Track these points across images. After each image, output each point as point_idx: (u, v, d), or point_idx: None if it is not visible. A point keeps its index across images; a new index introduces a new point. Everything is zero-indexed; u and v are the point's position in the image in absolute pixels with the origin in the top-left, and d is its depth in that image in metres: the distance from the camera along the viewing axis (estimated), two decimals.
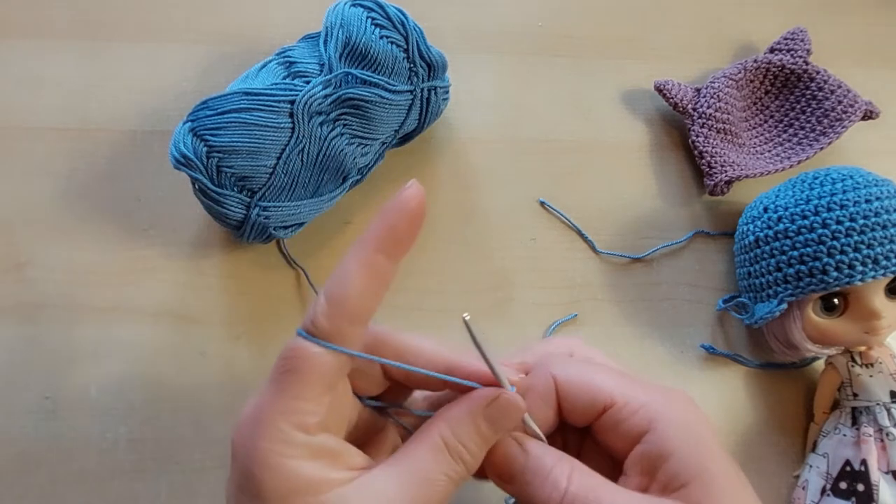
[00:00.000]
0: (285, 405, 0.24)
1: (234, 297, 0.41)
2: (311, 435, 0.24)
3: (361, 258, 0.24)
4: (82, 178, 0.43)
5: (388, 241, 0.24)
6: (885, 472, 0.36)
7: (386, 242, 0.24)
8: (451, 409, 0.26)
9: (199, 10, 0.49)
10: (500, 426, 0.26)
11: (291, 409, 0.24)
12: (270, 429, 0.24)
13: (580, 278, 0.44)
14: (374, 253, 0.24)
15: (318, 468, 0.24)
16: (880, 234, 0.36)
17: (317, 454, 0.24)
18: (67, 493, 0.37)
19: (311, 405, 0.24)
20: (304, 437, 0.24)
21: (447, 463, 0.25)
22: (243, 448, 0.24)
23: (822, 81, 0.47)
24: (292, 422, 0.24)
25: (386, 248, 0.24)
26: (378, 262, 0.24)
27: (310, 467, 0.24)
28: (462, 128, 0.47)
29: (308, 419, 0.24)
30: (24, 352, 0.39)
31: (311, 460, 0.24)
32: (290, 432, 0.24)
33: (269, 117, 0.36)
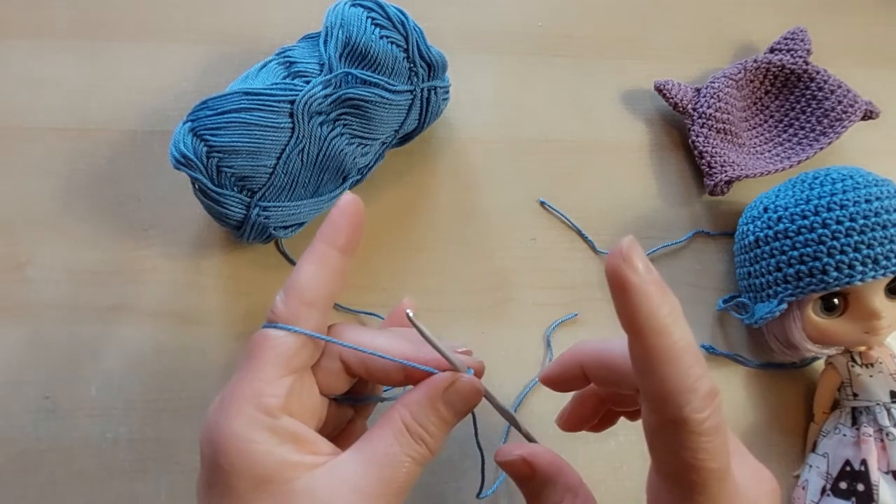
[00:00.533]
0: (247, 388, 0.25)
1: (234, 297, 0.41)
2: (275, 418, 0.25)
3: (310, 250, 0.27)
4: (82, 178, 0.43)
5: (332, 234, 0.27)
6: (885, 472, 0.36)
7: (328, 235, 0.27)
8: (412, 395, 0.27)
9: (199, 10, 0.49)
10: (459, 408, 0.27)
11: (253, 391, 0.25)
12: (235, 415, 0.24)
13: (580, 278, 0.44)
14: (320, 244, 0.27)
15: (286, 453, 0.24)
16: (880, 234, 0.36)
17: (283, 438, 0.25)
18: (67, 493, 0.37)
19: (272, 387, 0.25)
20: (269, 419, 0.25)
21: (409, 445, 0.26)
22: (209, 442, 0.25)
23: (822, 81, 0.47)
24: (255, 404, 0.25)
25: (332, 240, 0.27)
26: (325, 251, 0.27)
27: (277, 452, 0.24)
28: (462, 128, 0.47)
29: (270, 401, 0.25)
30: (24, 352, 0.39)
31: (278, 445, 0.24)
32: (254, 414, 0.24)
33: (269, 117, 0.36)
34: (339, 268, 0.27)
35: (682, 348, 0.24)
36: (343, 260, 0.28)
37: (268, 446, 0.24)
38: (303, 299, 0.26)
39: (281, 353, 0.26)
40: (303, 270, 0.27)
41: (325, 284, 0.27)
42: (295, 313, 0.26)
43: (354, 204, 0.28)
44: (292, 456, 0.24)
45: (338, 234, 0.27)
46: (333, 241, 0.27)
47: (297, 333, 0.26)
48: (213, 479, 0.24)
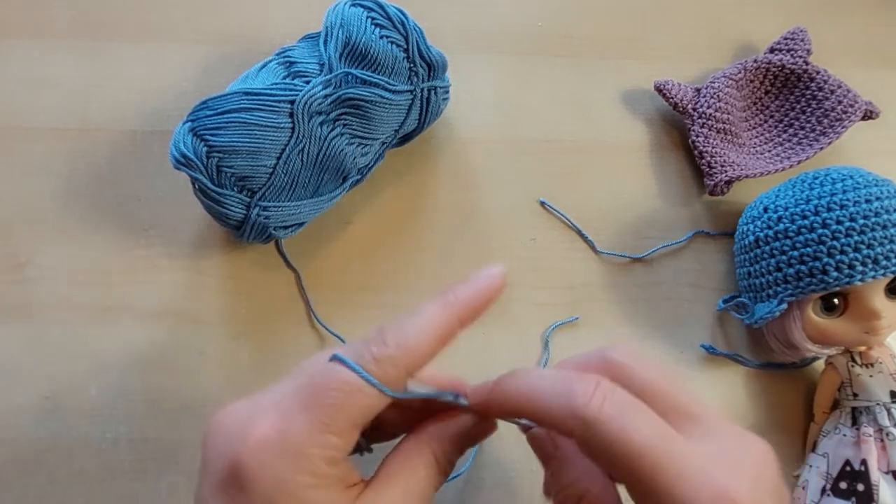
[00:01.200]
0: (323, 439, 0.23)
1: (234, 297, 0.41)
2: (337, 466, 0.24)
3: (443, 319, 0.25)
4: (82, 178, 0.43)
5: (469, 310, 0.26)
6: (885, 472, 0.36)
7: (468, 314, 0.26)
8: (443, 429, 0.27)
9: (199, 10, 0.49)
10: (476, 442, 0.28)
11: (327, 444, 0.23)
12: (300, 462, 0.23)
13: (580, 278, 0.44)
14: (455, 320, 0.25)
15: (333, 493, 0.24)
16: (880, 234, 0.36)
17: (333, 483, 0.24)
18: (67, 493, 0.37)
19: (345, 441, 0.24)
20: (331, 469, 0.24)
21: (437, 478, 0.26)
22: (270, 478, 0.23)
23: (822, 81, 0.47)
24: (325, 456, 0.23)
25: (463, 315, 0.26)
26: (454, 328, 0.25)
27: (324, 494, 0.23)
28: (462, 128, 0.47)
29: (339, 454, 0.24)
30: (24, 352, 0.39)
31: (327, 490, 0.24)
32: (321, 466, 0.23)
33: (269, 117, 0.36)
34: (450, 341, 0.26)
35: None
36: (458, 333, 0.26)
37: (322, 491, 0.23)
38: (412, 370, 0.25)
39: (367, 414, 0.24)
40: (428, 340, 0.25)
41: (431, 356, 0.25)
42: (397, 379, 0.24)
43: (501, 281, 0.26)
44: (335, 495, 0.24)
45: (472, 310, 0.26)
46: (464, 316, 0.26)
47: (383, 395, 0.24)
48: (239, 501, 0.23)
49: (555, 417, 0.24)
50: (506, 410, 0.26)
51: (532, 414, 0.25)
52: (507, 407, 0.26)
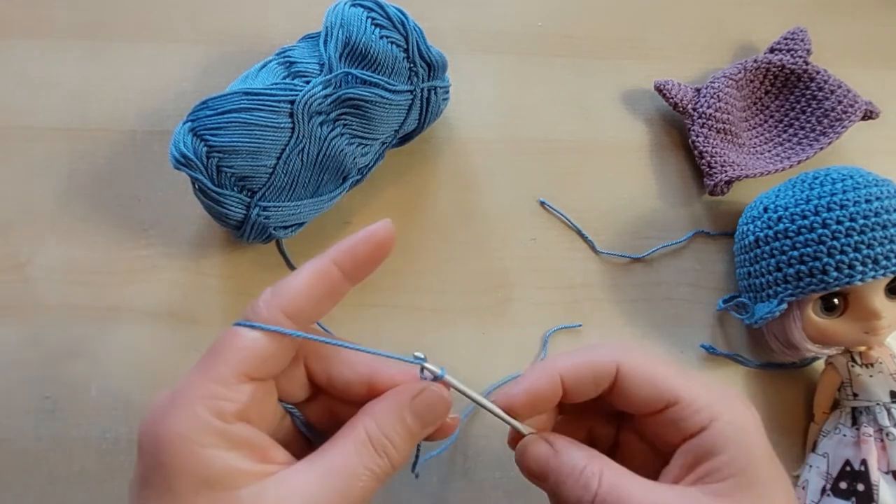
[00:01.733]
0: (204, 388, 0.23)
1: (234, 297, 0.41)
2: (229, 423, 0.23)
3: (316, 263, 0.26)
4: (82, 178, 0.43)
5: (347, 259, 0.26)
6: (885, 472, 0.36)
7: (344, 258, 0.26)
8: (376, 404, 0.26)
9: (199, 10, 0.49)
10: (427, 420, 0.26)
11: (210, 393, 0.23)
12: (185, 413, 0.23)
13: (580, 278, 0.44)
14: (328, 262, 0.26)
15: (235, 459, 0.23)
16: (880, 234, 0.36)
17: (234, 444, 0.23)
18: (67, 493, 0.37)
19: (231, 392, 0.23)
20: (221, 423, 0.23)
21: (370, 456, 0.24)
22: (152, 436, 0.23)
23: (822, 81, 0.47)
24: (209, 406, 0.23)
25: (342, 263, 0.26)
26: (330, 271, 0.26)
27: (225, 457, 0.23)
28: (462, 128, 0.47)
29: (226, 405, 0.23)
30: (24, 352, 0.39)
31: (227, 450, 0.23)
32: (206, 417, 0.23)
33: (269, 117, 0.36)
34: (336, 290, 0.26)
35: None
36: (344, 284, 0.26)
37: (216, 450, 0.23)
38: (287, 309, 0.25)
39: (248, 356, 0.24)
40: (297, 280, 0.25)
41: (316, 302, 0.26)
42: (274, 319, 0.25)
43: (385, 234, 0.26)
44: (242, 463, 0.23)
45: (351, 257, 0.26)
46: (343, 262, 0.26)
47: (269, 338, 0.24)
48: (152, 478, 0.23)
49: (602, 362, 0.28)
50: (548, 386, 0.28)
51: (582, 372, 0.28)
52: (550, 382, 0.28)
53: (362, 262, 0.26)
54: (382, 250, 0.26)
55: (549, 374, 0.28)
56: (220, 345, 0.24)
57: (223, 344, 0.24)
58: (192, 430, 0.23)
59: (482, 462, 0.39)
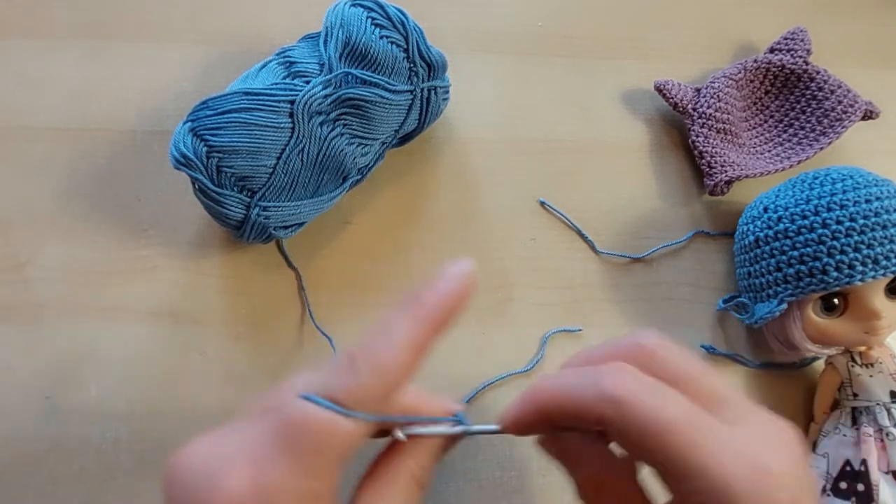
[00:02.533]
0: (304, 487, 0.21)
1: (234, 297, 0.41)
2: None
3: (415, 333, 0.23)
4: (82, 178, 0.43)
5: (442, 322, 0.23)
6: (885, 472, 0.36)
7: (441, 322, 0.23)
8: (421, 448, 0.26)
9: (199, 10, 0.49)
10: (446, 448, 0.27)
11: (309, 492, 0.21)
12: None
13: (580, 278, 0.44)
14: (429, 331, 0.23)
15: None
16: (880, 234, 0.36)
17: None
18: (67, 493, 0.37)
19: (327, 483, 0.22)
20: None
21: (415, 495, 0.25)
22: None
23: (822, 81, 0.47)
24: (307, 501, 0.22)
25: (439, 327, 0.23)
26: (429, 341, 0.23)
27: None
28: (462, 128, 0.47)
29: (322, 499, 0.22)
30: (24, 352, 0.39)
31: None
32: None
33: (269, 117, 0.36)
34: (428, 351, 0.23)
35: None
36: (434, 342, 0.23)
37: None
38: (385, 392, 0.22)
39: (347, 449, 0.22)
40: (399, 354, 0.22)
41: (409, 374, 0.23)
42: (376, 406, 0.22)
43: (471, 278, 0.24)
44: None
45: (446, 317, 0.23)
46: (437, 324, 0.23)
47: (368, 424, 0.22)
48: None
49: (587, 404, 0.23)
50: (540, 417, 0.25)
51: (565, 407, 0.24)
52: (542, 412, 0.25)
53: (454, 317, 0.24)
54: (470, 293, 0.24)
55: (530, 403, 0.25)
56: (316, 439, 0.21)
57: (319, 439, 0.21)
58: None
59: (482, 462, 0.39)
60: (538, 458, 0.39)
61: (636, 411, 0.22)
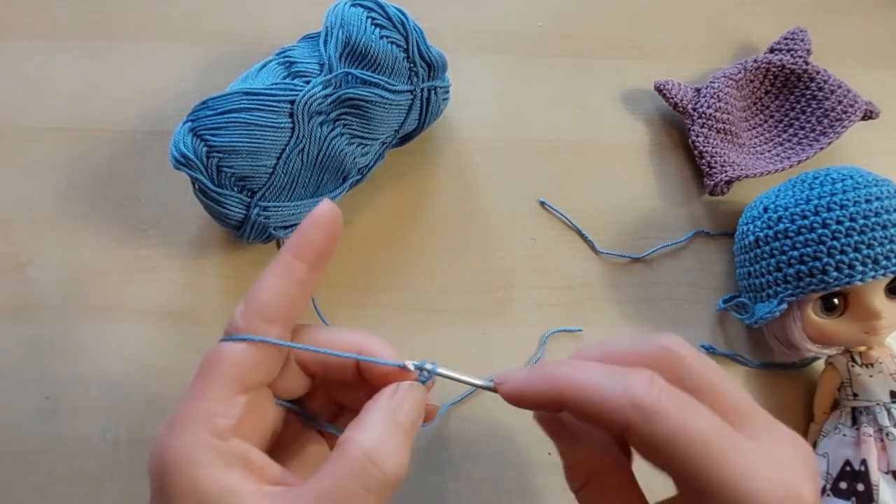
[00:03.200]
0: (199, 408, 0.24)
1: (234, 297, 0.41)
2: (224, 440, 0.23)
3: (277, 262, 0.26)
4: (82, 178, 0.43)
5: (303, 247, 0.26)
6: (885, 472, 0.36)
7: (301, 248, 0.26)
8: (364, 415, 0.25)
9: (199, 10, 0.49)
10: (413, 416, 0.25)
11: (204, 412, 0.23)
12: (182, 435, 0.23)
13: (580, 278, 0.44)
14: (287, 256, 0.26)
15: (231, 478, 0.23)
16: (880, 234, 0.36)
17: (230, 462, 0.23)
18: (67, 493, 0.37)
19: (223, 406, 0.24)
20: (217, 441, 0.23)
21: (369, 474, 0.23)
22: (156, 460, 0.23)
23: (822, 81, 0.47)
24: (204, 425, 0.23)
25: (300, 253, 0.26)
26: (292, 264, 0.26)
27: (222, 477, 0.23)
28: (462, 128, 0.47)
29: (220, 422, 0.23)
30: (24, 352, 0.39)
31: (223, 469, 0.23)
32: (202, 436, 0.23)
33: (269, 117, 0.36)
34: (305, 281, 0.26)
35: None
36: (310, 273, 0.26)
37: (213, 470, 0.23)
38: (263, 315, 0.25)
39: (235, 369, 0.24)
40: (265, 284, 0.26)
41: (288, 300, 0.26)
42: (253, 328, 0.25)
43: (330, 213, 0.26)
44: (238, 483, 0.23)
45: (307, 246, 0.26)
46: (301, 253, 0.26)
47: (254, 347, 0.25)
48: (159, 501, 0.23)
49: (611, 407, 0.23)
50: (552, 400, 0.25)
51: (581, 402, 0.24)
52: (556, 397, 0.24)
53: (319, 245, 0.26)
54: (334, 227, 0.26)
55: (548, 385, 0.25)
56: (209, 363, 0.25)
57: (211, 362, 0.25)
58: (188, 452, 0.23)
59: (482, 462, 0.39)
60: (538, 458, 0.39)
61: (666, 423, 0.22)
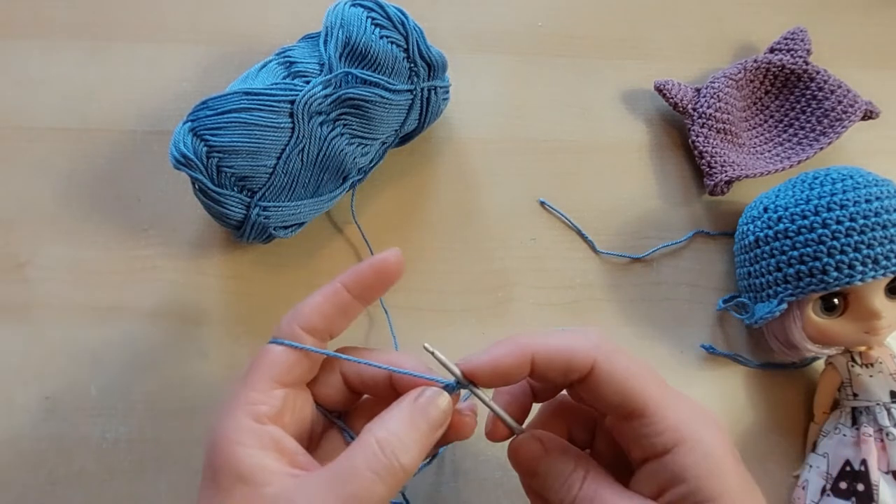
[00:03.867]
0: (243, 396, 0.27)
1: (235, 297, 0.41)
2: (262, 424, 0.27)
3: (329, 284, 0.30)
4: (82, 178, 0.43)
5: (354, 282, 0.30)
6: (885, 472, 0.36)
7: (351, 282, 0.30)
8: (387, 411, 0.27)
9: (199, 10, 0.49)
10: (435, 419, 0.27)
11: (247, 400, 0.27)
12: (229, 418, 0.27)
13: (580, 278, 0.44)
14: (338, 285, 0.30)
15: (265, 458, 0.26)
16: (880, 234, 0.36)
17: (266, 444, 0.26)
18: (67, 493, 0.37)
19: (264, 396, 0.27)
20: (256, 425, 0.27)
21: (380, 463, 0.25)
22: (208, 440, 0.27)
23: (822, 81, 0.47)
24: (247, 411, 0.27)
25: (350, 286, 0.30)
26: (340, 292, 0.30)
27: (257, 455, 0.26)
28: (462, 128, 0.47)
29: (260, 409, 0.27)
30: (24, 352, 0.39)
31: (259, 449, 0.26)
32: (244, 420, 0.27)
33: (269, 117, 0.36)
34: (346, 308, 0.30)
35: None
36: (354, 303, 0.30)
37: (250, 450, 0.26)
38: (302, 324, 0.29)
39: (275, 366, 0.28)
40: (311, 300, 0.29)
41: (326, 318, 0.29)
42: (294, 333, 0.29)
43: (393, 264, 0.30)
44: (271, 462, 0.26)
45: (358, 282, 0.30)
46: (351, 286, 0.30)
47: (291, 350, 0.29)
48: (207, 474, 0.26)
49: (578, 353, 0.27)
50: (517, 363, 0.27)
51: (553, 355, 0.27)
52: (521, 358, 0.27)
53: (369, 286, 0.30)
54: (389, 277, 0.30)
55: (519, 351, 0.27)
56: (255, 360, 0.29)
57: (257, 359, 0.29)
58: (232, 431, 0.26)
59: (482, 462, 0.39)
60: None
61: (623, 360, 0.27)
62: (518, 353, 0.28)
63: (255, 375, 0.28)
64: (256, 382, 0.28)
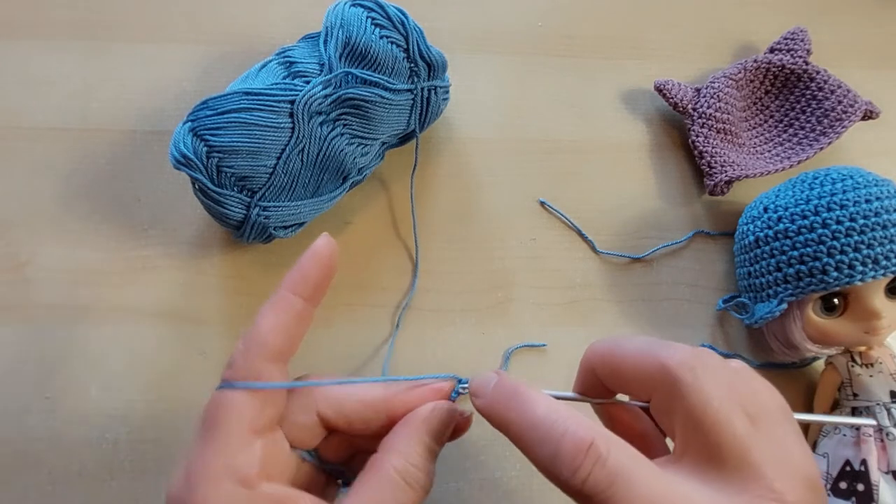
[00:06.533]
0: (219, 462, 0.23)
1: (234, 297, 0.41)
2: (255, 488, 0.24)
3: (275, 298, 0.26)
4: (82, 178, 0.43)
5: (300, 283, 0.26)
6: (885, 472, 0.36)
7: (298, 285, 0.26)
8: (395, 438, 0.26)
9: (199, 10, 0.49)
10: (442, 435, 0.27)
11: (227, 465, 0.23)
12: (211, 491, 0.23)
13: (580, 278, 0.44)
14: (285, 292, 0.26)
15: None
16: (880, 234, 0.36)
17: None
18: (67, 493, 0.37)
19: (244, 455, 0.24)
20: (248, 491, 0.23)
21: (403, 492, 0.24)
22: None
23: (822, 81, 0.47)
24: (230, 477, 0.23)
25: (297, 289, 0.26)
26: (289, 299, 0.26)
27: None
28: (462, 128, 0.47)
29: (246, 471, 0.24)
30: (24, 352, 0.39)
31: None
32: (233, 489, 0.23)
33: (269, 117, 0.36)
34: (302, 316, 0.26)
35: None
36: (307, 307, 0.27)
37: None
38: (265, 354, 0.25)
39: (244, 416, 0.24)
40: (264, 321, 0.25)
41: (287, 335, 0.26)
42: (256, 371, 0.25)
43: (327, 249, 0.27)
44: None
45: (304, 281, 0.26)
46: (299, 289, 0.26)
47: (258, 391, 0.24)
48: None
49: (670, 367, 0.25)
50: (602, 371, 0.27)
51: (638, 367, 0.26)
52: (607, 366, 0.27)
53: (316, 282, 0.27)
54: (331, 265, 0.27)
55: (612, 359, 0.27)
56: (215, 414, 0.24)
57: (217, 412, 0.24)
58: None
59: (482, 462, 0.39)
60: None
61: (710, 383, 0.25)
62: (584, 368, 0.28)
63: (223, 433, 0.24)
64: (228, 442, 0.24)
